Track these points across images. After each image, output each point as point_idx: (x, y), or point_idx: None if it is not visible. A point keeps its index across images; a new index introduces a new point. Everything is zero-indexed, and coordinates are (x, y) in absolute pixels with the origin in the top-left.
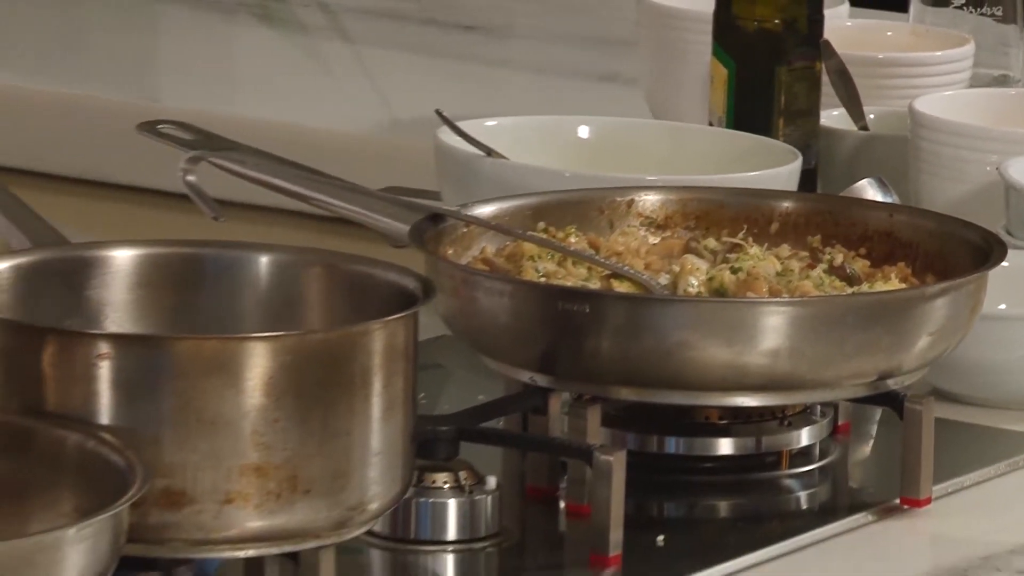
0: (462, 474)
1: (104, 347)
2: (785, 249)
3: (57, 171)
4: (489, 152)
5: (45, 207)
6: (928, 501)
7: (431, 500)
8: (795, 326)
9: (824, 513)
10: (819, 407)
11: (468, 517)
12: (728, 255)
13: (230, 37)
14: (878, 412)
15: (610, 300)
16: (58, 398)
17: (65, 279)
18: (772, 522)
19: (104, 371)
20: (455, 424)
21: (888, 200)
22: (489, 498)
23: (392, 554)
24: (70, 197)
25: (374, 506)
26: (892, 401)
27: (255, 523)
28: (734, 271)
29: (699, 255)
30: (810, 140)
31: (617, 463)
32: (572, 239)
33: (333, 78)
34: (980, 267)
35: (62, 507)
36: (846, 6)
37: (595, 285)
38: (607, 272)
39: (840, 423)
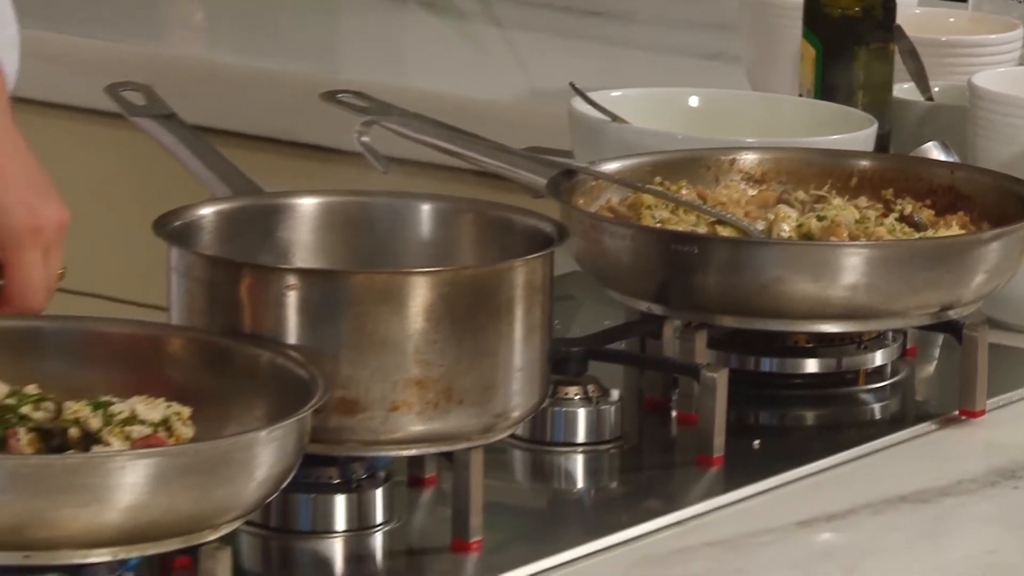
0: (590, 388)
1: (292, 279)
2: (863, 200)
3: (254, 132)
4: (614, 118)
5: (244, 162)
6: (983, 413)
7: (564, 409)
8: (871, 265)
9: (894, 422)
10: (891, 333)
11: (595, 424)
12: (815, 205)
13: (400, 21)
14: (940, 338)
15: (715, 242)
16: (253, 322)
17: (259, 222)
18: (850, 430)
19: (292, 299)
20: (584, 346)
21: (950, 160)
22: (613, 408)
23: (531, 454)
24: (264, 154)
25: (516, 414)
26: (952, 328)
27: (417, 427)
28: (820, 219)
29: (790, 205)
30: (884, 109)
31: (721, 379)
32: (683, 191)
33: (485, 56)
34: None
35: (255, 413)
36: None
37: (703, 230)
38: (713, 219)
39: (908, 347)
